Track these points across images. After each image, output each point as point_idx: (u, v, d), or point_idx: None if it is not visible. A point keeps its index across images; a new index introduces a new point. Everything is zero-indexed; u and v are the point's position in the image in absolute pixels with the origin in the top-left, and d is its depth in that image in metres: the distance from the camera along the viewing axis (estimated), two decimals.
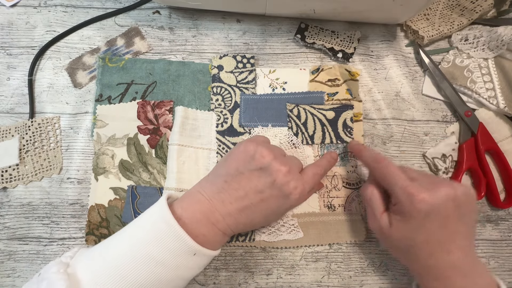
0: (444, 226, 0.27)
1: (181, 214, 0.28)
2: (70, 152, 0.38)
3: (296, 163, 0.32)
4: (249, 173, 0.30)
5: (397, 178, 0.29)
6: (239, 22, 0.43)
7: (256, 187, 0.29)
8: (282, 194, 0.29)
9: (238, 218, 0.29)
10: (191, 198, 0.30)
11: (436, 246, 0.28)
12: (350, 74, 0.41)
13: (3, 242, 0.36)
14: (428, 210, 0.27)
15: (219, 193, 0.29)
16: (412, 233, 0.28)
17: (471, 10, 0.42)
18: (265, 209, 0.30)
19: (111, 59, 0.40)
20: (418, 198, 0.27)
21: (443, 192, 0.27)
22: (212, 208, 0.29)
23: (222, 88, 0.40)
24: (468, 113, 0.39)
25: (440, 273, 0.28)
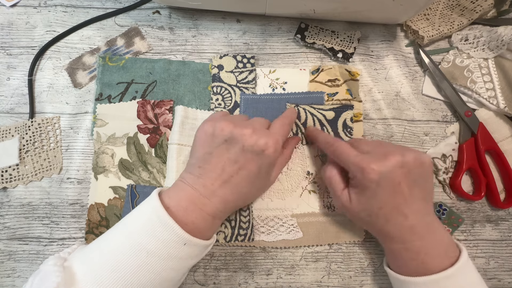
0: (396, 192, 0.29)
1: (168, 203, 0.28)
2: (70, 152, 0.38)
3: (260, 122, 0.32)
4: (217, 150, 0.30)
5: (348, 155, 0.31)
6: (239, 22, 0.43)
7: (229, 159, 0.29)
8: (256, 153, 0.29)
9: (224, 195, 0.29)
10: (175, 187, 0.30)
11: (391, 212, 0.29)
12: (350, 74, 0.41)
13: (3, 242, 0.36)
14: (378, 179, 0.28)
15: (198, 179, 0.29)
16: (368, 203, 0.30)
17: (471, 10, 0.42)
18: (247, 176, 0.30)
19: (111, 58, 0.40)
20: (368, 169, 0.28)
21: (391, 160, 0.28)
22: (196, 193, 0.29)
23: (222, 87, 0.40)
24: (468, 113, 0.39)
25: (399, 237, 0.30)
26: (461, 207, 0.39)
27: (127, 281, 0.25)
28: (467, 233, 0.38)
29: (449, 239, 0.30)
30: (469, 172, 0.40)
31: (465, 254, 0.29)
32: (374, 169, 0.28)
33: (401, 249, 0.30)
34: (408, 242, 0.29)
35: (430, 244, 0.29)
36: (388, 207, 0.29)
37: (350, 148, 0.31)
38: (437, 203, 0.38)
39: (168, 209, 0.27)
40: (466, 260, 0.29)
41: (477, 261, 0.37)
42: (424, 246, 0.29)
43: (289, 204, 0.37)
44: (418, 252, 0.29)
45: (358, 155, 0.30)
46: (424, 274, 0.28)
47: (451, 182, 0.39)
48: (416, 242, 0.29)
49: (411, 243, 0.29)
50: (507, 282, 0.37)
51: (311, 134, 0.37)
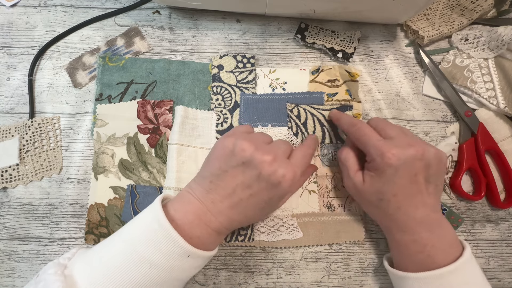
0: (412, 183, 0.29)
1: (173, 215, 0.28)
2: (70, 152, 0.38)
3: (283, 148, 0.31)
4: (232, 170, 0.29)
5: (370, 138, 0.31)
6: (239, 22, 0.43)
7: (243, 183, 0.28)
8: (271, 184, 0.28)
9: (230, 215, 0.29)
10: (182, 199, 0.29)
11: (404, 200, 0.30)
12: (350, 75, 0.41)
13: (3, 242, 0.36)
14: (397, 165, 0.29)
15: (208, 194, 0.29)
16: (383, 187, 0.30)
17: (471, 10, 0.42)
18: (256, 203, 0.29)
19: (111, 58, 0.40)
20: (388, 154, 0.29)
21: (412, 150, 0.29)
22: (203, 209, 0.28)
23: (222, 87, 0.40)
24: (468, 113, 0.39)
25: (407, 226, 0.30)
26: (461, 207, 0.39)
27: None
28: (467, 233, 0.38)
29: (454, 235, 0.31)
30: (469, 172, 0.40)
31: (469, 250, 0.29)
32: (394, 155, 0.29)
33: (409, 241, 0.30)
34: (416, 234, 0.30)
35: (436, 237, 0.29)
36: (402, 195, 0.29)
37: (373, 131, 0.31)
38: None
39: (173, 221, 0.27)
40: (470, 256, 0.29)
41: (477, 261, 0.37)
42: (431, 238, 0.29)
43: (289, 204, 0.37)
44: (425, 245, 0.29)
45: (380, 139, 0.30)
46: (429, 268, 0.29)
47: (451, 182, 0.39)
48: (424, 234, 0.29)
49: (419, 234, 0.29)
50: (507, 282, 0.37)
51: (334, 116, 0.38)
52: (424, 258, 0.29)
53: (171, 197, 0.31)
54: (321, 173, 0.38)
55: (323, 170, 0.38)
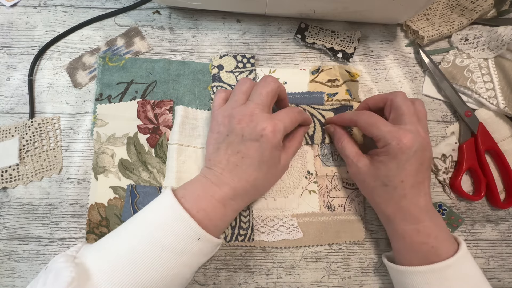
0: (419, 171, 0.30)
1: (183, 194, 0.30)
2: (70, 152, 0.38)
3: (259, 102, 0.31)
4: (222, 145, 0.32)
5: (385, 125, 0.31)
6: (239, 22, 0.43)
7: (232, 151, 0.31)
8: (255, 140, 0.30)
9: (232, 183, 0.31)
10: (192, 180, 0.32)
11: (410, 188, 0.30)
12: (350, 75, 0.41)
13: (3, 242, 0.36)
14: (411, 151, 0.29)
15: (210, 170, 0.32)
16: (392, 171, 0.30)
17: (471, 10, 0.42)
18: (251, 163, 0.31)
19: (111, 58, 0.40)
20: (404, 141, 0.29)
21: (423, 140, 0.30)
22: (208, 182, 0.31)
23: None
24: (468, 113, 0.39)
25: (411, 214, 0.30)
26: (461, 207, 0.39)
27: (141, 276, 0.26)
28: (467, 233, 0.38)
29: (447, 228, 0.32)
30: (469, 172, 0.40)
31: (464, 244, 0.30)
32: (410, 143, 0.29)
33: (413, 231, 0.30)
34: (420, 223, 0.30)
35: (438, 226, 0.30)
36: (409, 182, 0.30)
37: (383, 119, 0.32)
38: (437, 203, 0.38)
39: (182, 198, 0.29)
40: (466, 249, 0.30)
41: (477, 261, 0.37)
42: (433, 228, 0.30)
43: (289, 204, 0.37)
44: (429, 235, 0.30)
45: (394, 125, 0.31)
46: (433, 260, 0.29)
47: (451, 182, 0.39)
48: (427, 222, 0.30)
49: (423, 223, 0.30)
50: (507, 282, 0.37)
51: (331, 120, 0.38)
52: (428, 250, 0.29)
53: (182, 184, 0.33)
54: (321, 173, 0.38)
55: (323, 170, 0.38)
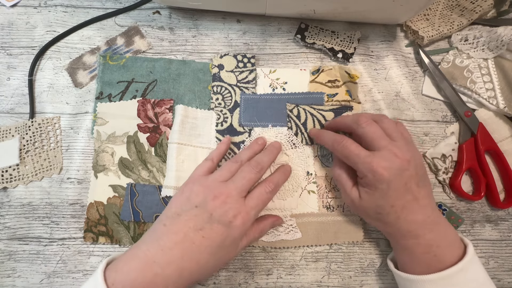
0: (407, 191, 0.30)
1: (114, 279, 0.26)
2: (70, 152, 0.38)
3: (239, 186, 0.31)
4: (186, 214, 0.30)
5: (358, 155, 0.30)
6: (239, 22, 0.43)
7: (195, 226, 0.29)
8: (223, 224, 0.29)
9: (180, 264, 0.28)
10: (128, 254, 0.28)
11: (402, 209, 0.30)
12: (350, 77, 0.41)
13: (3, 242, 0.36)
14: (388, 179, 0.29)
15: (158, 240, 0.28)
16: (379, 201, 0.30)
17: (471, 11, 0.42)
18: (209, 245, 0.29)
19: (112, 57, 0.40)
20: (379, 170, 0.29)
21: (399, 162, 0.29)
22: (149, 261, 0.27)
23: (222, 87, 0.40)
24: (468, 113, 0.39)
25: (410, 231, 0.30)
26: (461, 207, 0.39)
27: None
28: (467, 233, 0.38)
29: (455, 232, 0.31)
30: (469, 172, 0.40)
31: (472, 248, 0.30)
32: (384, 170, 0.29)
33: (413, 245, 0.30)
34: (420, 237, 0.30)
35: (439, 236, 0.30)
36: (399, 205, 0.30)
37: (358, 147, 0.31)
38: (437, 203, 0.38)
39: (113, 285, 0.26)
40: (474, 252, 0.30)
41: None
42: (434, 238, 0.30)
43: (289, 204, 0.37)
44: (430, 245, 0.30)
45: (367, 154, 0.30)
46: (437, 267, 0.29)
47: (451, 182, 0.39)
48: (427, 235, 0.30)
49: (423, 236, 0.30)
50: (506, 282, 0.37)
51: (314, 134, 0.37)
52: (431, 258, 0.29)
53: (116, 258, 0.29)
54: (320, 173, 0.38)
55: (322, 170, 0.38)
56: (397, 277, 0.33)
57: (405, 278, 0.31)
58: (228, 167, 0.33)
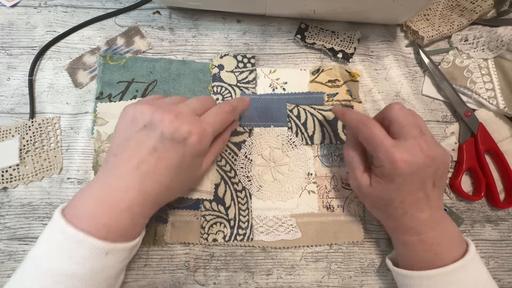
0: (421, 189, 0.29)
1: (73, 214, 0.25)
2: (70, 152, 0.38)
3: (192, 106, 0.29)
4: (135, 136, 0.27)
5: (381, 142, 0.29)
6: (239, 22, 0.43)
7: (148, 147, 0.26)
8: (176, 142, 0.26)
9: (142, 187, 0.26)
10: (82, 191, 0.27)
11: (411, 206, 0.29)
12: (350, 75, 0.41)
13: (3, 242, 0.36)
14: (407, 174, 0.28)
15: (113, 170, 0.26)
16: (390, 194, 0.29)
17: (471, 11, 0.42)
18: (167, 166, 0.27)
19: (112, 57, 0.40)
20: (400, 163, 0.28)
21: (422, 157, 0.28)
22: (107, 190, 0.26)
23: (222, 87, 0.40)
24: (468, 113, 0.39)
25: (413, 228, 0.30)
26: (461, 207, 0.39)
27: None
28: (467, 233, 0.38)
29: (458, 231, 0.31)
30: (469, 172, 0.40)
31: (473, 247, 0.30)
32: (405, 163, 0.27)
33: (415, 241, 0.30)
34: (422, 234, 0.29)
35: (441, 234, 0.29)
36: (409, 201, 0.29)
37: (383, 133, 0.29)
38: None
39: (73, 219, 0.24)
40: (475, 252, 0.29)
41: None
42: (436, 237, 0.29)
43: (289, 204, 0.37)
44: (431, 243, 0.29)
45: (392, 144, 0.28)
46: (436, 265, 0.29)
47: (451, 182, 0.39)
48: (429, 233, 0.29)
49: (425, 234, 0.29)
50: (507, 282, 0.37)
51: (339, 111, 0.35)
52: (431, 256, 0.29)
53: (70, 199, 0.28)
54: (320, 173, 0.38)
55: (322, 170, 0.38)
56: (395, 275, 0.33)
57: (403, 275, 0.31)
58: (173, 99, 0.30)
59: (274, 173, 0.38)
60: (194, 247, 0.36)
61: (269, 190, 0.37)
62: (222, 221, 0.37)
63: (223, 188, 0.37)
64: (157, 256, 0.36)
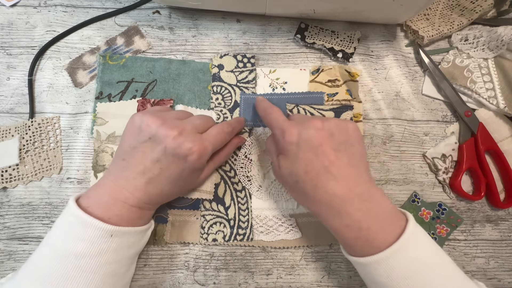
0: (319, 155, 0.27)
1: (87, 203, 0.28)
2: (70, 152, 0.38)
3: (196, 123, 0.31)
4: (141, 146, 0.29)
5: (277, 119, 0.31)
6: (239, 22, 0.43)
7: (152, 158, 0.29)
8: (178, 158, 0.29)
9: (146, 190, 0.29)
10: (95, 186, 0.30)
11: (318, 176, 0.28)
12: (350, 75, 0.41)
13: (3, 242, 0.36)
14: (297, 140, 0.28)
15: (122, 172, 0.29)
16: (292, 166, 0.29)
17: (471, 10, 0.42)
18: (168, 176, 0.29)
19: (111, 57, 0.40)
20: (288, 131, 0.29)
21: (311, 124, 0.28)
22: (118, 187, 0.29)
23: (222, 87, 0.40)
24: (468, 113, 0.39)
25: (332, 206, 0.27)
26: (461, 207, 0.39)
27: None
28: (467, 233, 0.38)
29: (392, 208, 0.28)
30: (469, 172, 0.40)
31: (411, 223, 0.27)
32: (293, 131, 0.29)
33: (342, 226, 0.27)
34: (344, 215, 0.27)
35: (370, 216, 0.27)
36: (313, 171, 0.28)
37: (281, 114, 0.32)
38: (436, 202, 0.38)
39: (88, 208, 0.27)
40: (413, 228, 0.27)
41: (477, 261, 0.38)
42: (365, 220, 0.27)
43: (289, 204, 0.37)
44: (360, 228, 0.27)
45: (285, 120, 0.30)
46: (371, 252, 0.26)
47: (451, 182, 0.39)
48: (354, 214, 0.27)
49: (349, 216, 0.27)
50: (507, 282, 0.37)
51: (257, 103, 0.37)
52: (363, 244, 0.27)
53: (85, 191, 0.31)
54: None
55: None
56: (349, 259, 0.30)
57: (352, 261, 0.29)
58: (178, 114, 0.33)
59: None
60: (194, 247, 0.36)
61: (269, 190, 0.37)
62: (222, 221, 0.37)
63: (223, 188, 0.37)
64: (157, 256, 0.36)
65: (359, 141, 0.29)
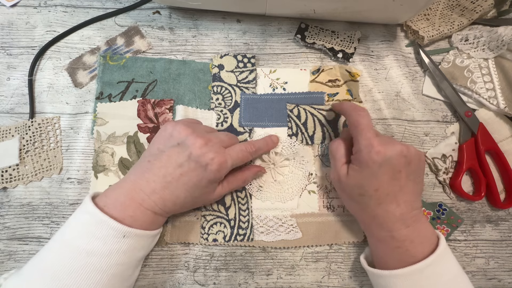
0: (395, 179, 0.30)
1: (105, 202, 0.29)
2: (70, 152, 0.38)
3: (221, 138, 0.33)
4: (169, 150, 0.31)
5: (364, 129, 0.31)
6: (239, 22, 0.43)
7: (176, 162, 0.30)
8: (199, 165, 0.30)
9: (163, 195, 0.30)
10: (115, 185, 0.31)
11: (385, 196, 0.30)
12: (351, 75, 0.41)
13: (3, 242, 0.36)
14: (382, 161, 0.29)
15: (144, 173, 0.30)
16: (365, 181, 0.30)
17: (471, 10, 0.42)
18: (186, 183, 0.30)
19: (112, 57, 0.40)
20: (376, 149, 0.29)
21: (398, 147, 0.30)
22: (136, 189, 0.30)
23: (223, 87, 0.40)
24: (468, 113, 0.39)
25: (386, 222, 0.30)
26: (461, 207, 0.39)
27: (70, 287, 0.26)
28: (467, 233, 0.38)
29: (430, 228, 0.31)
30: (469, 172, 0.40)
31: (443, 241, 0.30)
32: (381, 151, 0.29)
33: (387, 237, 0.30)
34: (395, 231, 0.30)
35: (414, 232, 0.30)
36: (383, 191, 0.30)
37: (370, 125, 0.31)
38: (437, 203, 0.38)
39: (105, 207, 0.28)
40: (445, 246, 0.30)
41: (477, 261, 0.38)
42: (409, 234, 0.30)
43: (289, 204, 0.37)
44: (404, 240, 0.30)
45: (374, 133, 0.31)
46: (408, 261, 0.29)
47: (451, 182, 0.39)
48: (402, 230, 0.30)
49: (398, 231, 0.30)
50: (507, 282, 0.37)
51: (337, 106, 0.37)
52: (402, 253, 0.30)
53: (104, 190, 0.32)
54: (321, 173, 0.38)
55: (323, 170, 0.38)
56: (370, 275, 0.33)
57: (377, 275, 0.31)
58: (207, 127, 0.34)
59: (274, 174, 0.38)
60: (194, 247, 0.36)
61: (269, 190, 0.37)
62: (222, 221, 0.37)
63: None
64: (157, 256, 0.36)
65: (423, 171, 0.33)
